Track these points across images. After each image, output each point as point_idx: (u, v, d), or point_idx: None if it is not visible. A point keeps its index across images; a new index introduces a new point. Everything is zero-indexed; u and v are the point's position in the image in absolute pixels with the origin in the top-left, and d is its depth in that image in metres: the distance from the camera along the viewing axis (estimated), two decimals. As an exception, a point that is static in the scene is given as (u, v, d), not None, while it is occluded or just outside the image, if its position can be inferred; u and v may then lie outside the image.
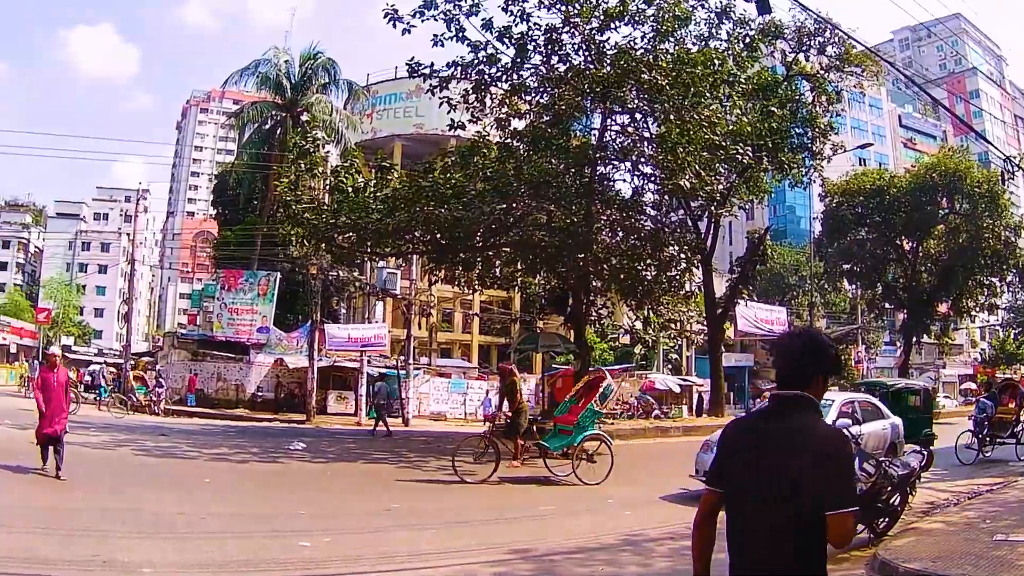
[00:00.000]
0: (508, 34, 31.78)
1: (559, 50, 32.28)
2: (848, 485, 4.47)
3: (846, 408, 20.64)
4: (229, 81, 65.32)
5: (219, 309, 58.36)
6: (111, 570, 10.92)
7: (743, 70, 33.32)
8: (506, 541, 13.82)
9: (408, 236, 35.99)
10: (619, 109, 33.71)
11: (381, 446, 32.39)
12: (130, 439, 29.44)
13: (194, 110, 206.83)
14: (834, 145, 41.68)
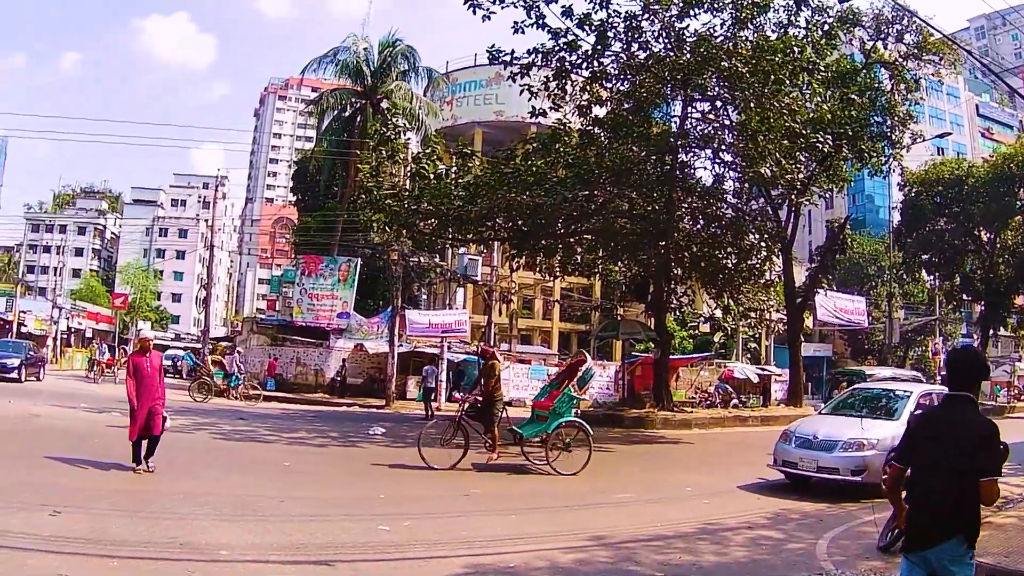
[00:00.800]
0: (588, 21, 31.83)
1: (639, 37, 32.28)
2: (995, 460, 6.32)
3: (923, 400, 20.34)
4: (307, 69, 65.56)
5: (299, 295, 58.58)
6: (189, 552, 11.03)
7: (822, 58, 33.13)
8: (585, 527, 13.98)
9: (489, 222, 36.27)
10: (699, 97, 33.81)
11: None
12: (208, 423, 30.13)
13: (272, 98, 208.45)
14: (913, 134, 41.40)
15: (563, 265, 41.66)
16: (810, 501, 17.66)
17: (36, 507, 12.68)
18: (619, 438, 30.46)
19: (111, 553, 10.59)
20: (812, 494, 18.31)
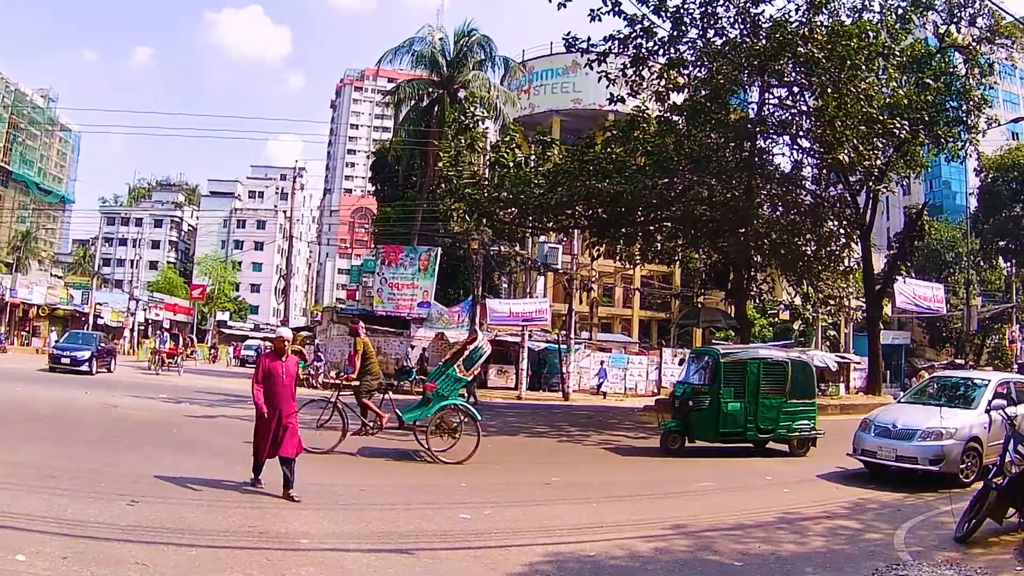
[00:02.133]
0: (664, 7, 32.17)
1: (715, 23, 32.56)
2: None
3: (1001, 389, 19.92)
4: (383, 60, 65.97)
5: (379, 284, 59.48)
6: (267, 540, 11.26)
7: (897, 42, 32.96)
8: (665, 516, 14.16)
9: (569, 210, 36.58)
10: (776, 83, 33.91)
11: (543, 420, 33.15)
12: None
13: (348, 89, 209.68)
14: (988, 119, 40.65)
15: (643, 253, 41.66)
16: (888, 490, 17.82)
17: (114, 496, 13.02)
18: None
19: (190, 542, 10.88)
20: (891, 483, 18.46)
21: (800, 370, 24.34)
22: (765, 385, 23.59)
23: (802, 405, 23.88)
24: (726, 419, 23.06)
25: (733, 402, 23.13)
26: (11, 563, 9.25)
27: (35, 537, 10.37)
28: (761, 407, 23.24)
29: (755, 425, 23.25)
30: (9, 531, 10.55)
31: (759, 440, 23.63)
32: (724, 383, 23.31)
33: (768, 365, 23.96)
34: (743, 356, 24.45)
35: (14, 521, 11.01)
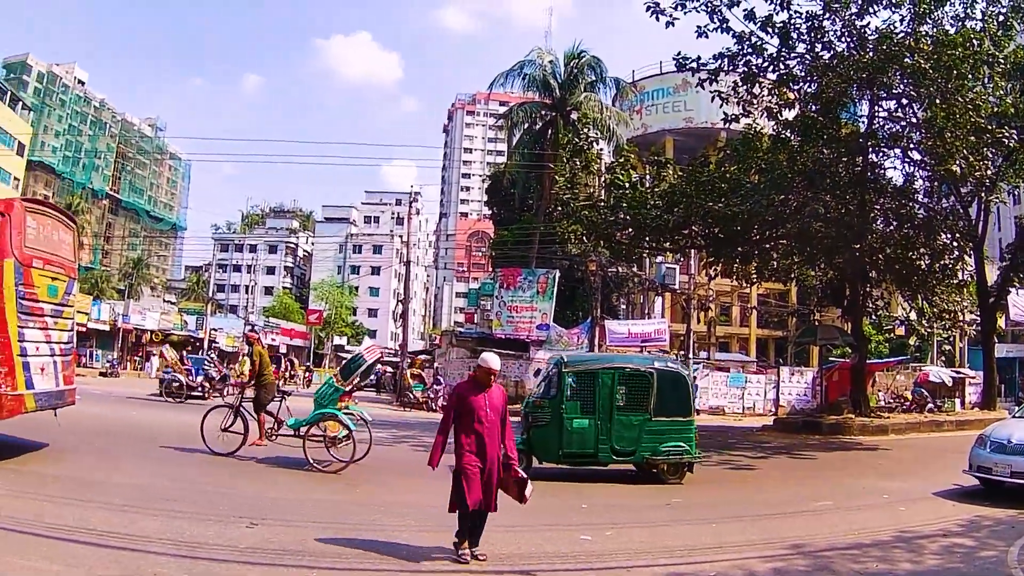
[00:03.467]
0: (771, 23, 32.29)
1: (822, 37, 32.54)
2: None
3: None
4: (495, 83, 66.98)
5: (498, 307, 59.76)
6: (388, 563, 11.52)
7: (1000, 49, 31.77)
8: (784, 536, 14.24)
9: (686, 230, 37.07)
10: (885, 95, 33.96)
11: None
12: (409, 435, 31.26)
13: (460, 113, 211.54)
14: None
15: (759, 271, 41.75)
16: (1004, 507, 17.45)
17: (233, 519, 13.47)
18: (817, 445, 30.96)
19: (310, 564, 11.13)
20: (1007, 500, 18.12)
21: (669, 383, 21.06)
22: (622, 399, 20.80)
23: (672, 424, 20.78)
24: (571, 438, 20.43)
25: (580, 418, 20.47)
26: None
27: (153, 559, 10.78)
28: (617, 425, 20.44)
29: (609, 446, 20.45)
30: (127, 552, 10.96)
31: (613, 462, 20.81)
32: (568, 396, 20.68)
33: (626, 376, 21.01)
34: (593, 365, 21.98)
35: (132, 543, 11.37)
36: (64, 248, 19.28)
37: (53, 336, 18.37)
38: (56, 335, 18.54)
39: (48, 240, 18.37)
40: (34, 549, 10.64)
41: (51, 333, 18.27)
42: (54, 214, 19.59)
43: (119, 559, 10.55)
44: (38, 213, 18.35)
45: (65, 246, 19.36)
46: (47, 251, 18.14)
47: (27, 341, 17.03)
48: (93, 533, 11.69)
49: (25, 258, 16.95)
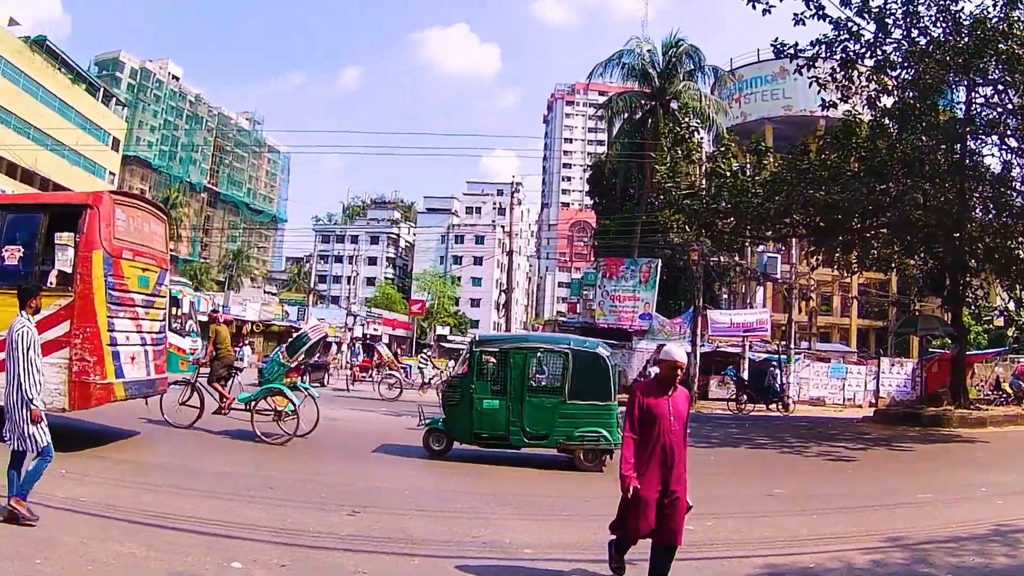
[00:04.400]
0: (866, 8, 31.89)
1: (917, 22, 32.09)
2: None
3: None
4: (593, 73, 67.77)
5: (600, 297, 60.32)
6: (491, 550, 11.55)
7: None
8: (882, 528, 14.04)
9: (787, 219, 37.08)
10: (981, 81, 33.37)
11: (764, 431, 33.35)
12: None
13: (559, 103, 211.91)
14: None
15: (860, 260, 41.40)
16: None
17: (334, 507, 13.76)
18: (917, 437, 30.71)
19: (411, 552, 11.27)
20: None
21: (587, 364, 20.23)
22: (535, 381, 21.24)
23: (590, 408, 19.91)
24: (482, 419, 20.21)
25: (491, 399, 20.31)
26: (227, 571, 9.89)
27: (252, 546, 11.00)
28: (529, 407, 20.07)
29: (520, 428, 20.04)
30: (225, 539, 11.18)
31: (525, 445, 20.29)
32: (478, 376, 20.93)
33: (539, 356, 21.35)
34: (505, 344, 21.91)
35: (230, 530, 11.64)
36: (155, 240, 19.85)
37: (144, 326, 18.98)
38: (147, 325, 19.15)
39: (138, 232, 18.92)
40: (132, 536, 10.94)
41: (142, 323, 18.86)
42: (144, 206, 20.15)
43: (216, 545, 10.83)
44: (127, 205, 18.90)
45: (156, 238, 19.96)
46: (137, 242, 18.66)
47: (117, 331, 17.54)
48: (191, 520, 12.06)
49: (114, 249, 17.45)
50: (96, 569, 9.33)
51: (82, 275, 16.80)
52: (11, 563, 9.20)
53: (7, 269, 17.38)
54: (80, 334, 16.61)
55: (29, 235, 17.64)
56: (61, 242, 18.39)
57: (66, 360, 16.55)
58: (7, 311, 16.34)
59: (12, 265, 17.41)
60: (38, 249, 17.62)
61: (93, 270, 16.80)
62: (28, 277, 16.90)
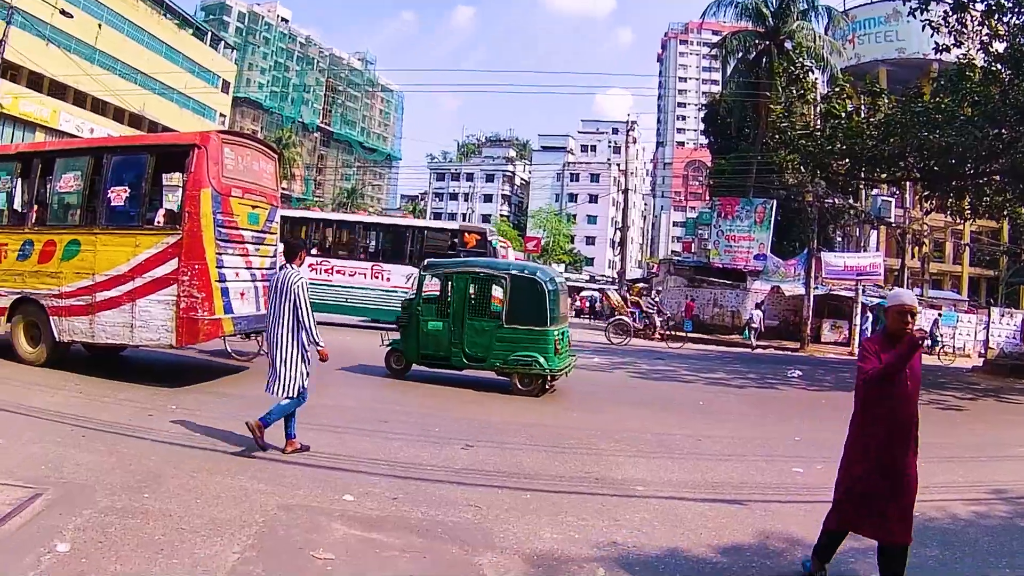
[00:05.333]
0: None
1: None
2: None
3: None
4: (707, 13, 67.47)
5: (715, 236, 61.05)
6: (603, 486, 11.64)
7: None
8: (987, 479, 13.91)
9: (902, 162, 36.81)
10: None
11: None
12: (626, 362, 32.14)
13: (673, 43, 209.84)
14: None
15: (972, 207, 41.07)
16: None
17: (449, 441, 14.04)
18: None
19: (524, 486, 11.42)
20: None
21: (524, 290, 20.81)
22: (474, 305, 21.48)
23: (525, 333, 20.39)
24: (427, 340, 21.26)
25: (435, 321, 21.35)
26: (339, 503, 10.05)
27: (364, 478, 11.23)
28: (469, 330, 20.91)
29: (461, 350, 20.92)
30: (338, 472, 11.49)
31: (466, 367, 21.09)
32: (425, 299, 21.90)
33: (479, 281, 21.54)
34: (449, 268, 22.37)
35: (343, 463, 12.00)
36: (265, 177, 20.18)
37: (254, 262, 19.37)
38: (257, 261, 19.53)
39: (248, 170, 19.26)
40: (243, 469, 11.28)
41: (252, 259, 19.25)
42: (254, 145, 20.48)
43: (329, 478, 11.14)
44: (236, 144, 19.21)
45: (266, 175, 20.29)
46: (247, 180, 19.02)
47: (226, 267, 17.98)
48: (303, 453, 12.39)
49: (223, 188, 17.83)
50: (205, 502, 9.64)
51: (190, 213, 17.26)
52: (118, 497, 9.49)
53: (115, 210, 18.13)
54: (188, 271, 17.12)
55: (136, 176, 18.24)
56: (170, 183, 18.83)
57: (174, 297, 17.12)
58: (117, 251, 17.97)
59: (120, 206, 18.10)
60: (145, 189, 18.19)
61: (201, 208, 17.25)
62: (136, 218, 17.97)
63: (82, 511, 8.81)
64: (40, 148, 23.35)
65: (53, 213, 19.43)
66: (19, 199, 20.21)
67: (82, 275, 18.11)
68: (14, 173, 20.23)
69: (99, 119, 79.87)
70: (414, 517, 9.61)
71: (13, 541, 7.80)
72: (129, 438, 12.67)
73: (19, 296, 19.11)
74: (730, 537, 9.59)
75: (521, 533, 9.23)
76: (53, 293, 18.49)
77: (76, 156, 19.70)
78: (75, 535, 8.06)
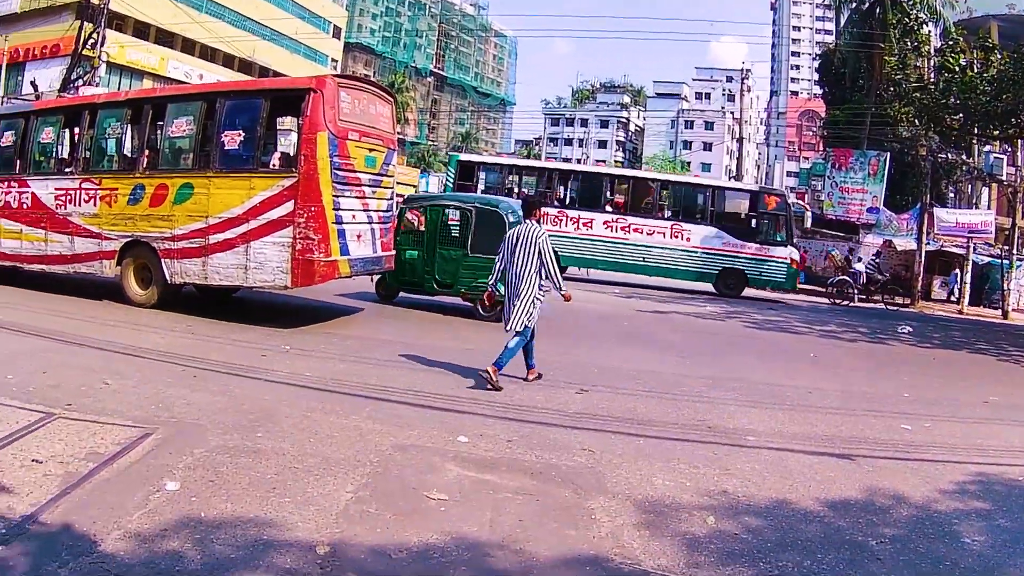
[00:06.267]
0: None
1: None
2: None
3: None
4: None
5: (829, 188, 60.36)
6: (715, 434, 11.62)
7: None
8: None
9: (1014, 119, 36.21)
10: None
11: (983, 336, 32.69)
12: (739, 311, 32.22)
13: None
14: None
15: None
16: None
17: (563, 385, 14.04)
18: None
19: (637, 432, 11.38)
20: None
21: (487, 222, 22.20)
22: (443, 235, 23.10)
23: (487, 261, 19.94)
24: (404, 267, 22.90)
25: (411, 250, 23.10)
26: (454, 444, 10.12)
27: (479, 420, 11.33)
28: (439, 258, 22.76)
29: (432, 277, 22.85)
30: (452, 414, 11.60)
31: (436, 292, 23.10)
32: (403, 229, 23.27)
33: (449, 212, 23.34)
34: (424, 202, 24.83)
35: (457, 405, 12.12)
36: (381, 121, 20.28)
37: (371, 205, 19.62)
38: (374, 204, 19.79)
39: (364, 113, 19.38)
40: (357, 409, 11.37)
41: (369, 202, 19.49)
42: (370, 89, 20.52)
43: (443, 420, 11.21)
44: (352, 88, 19.27)
45: (383, 119, 20.39)
46: (363, 124, 19.15)
47: (342, 210, 18.21)
48: (419, 395, 12.42)
49: (340, 131, 17.97)
50: (318, 441, 9.80)
51: (306, 156, 17.51)
52: (230, 436, 9.66)
53: (229, 153, 18.55)
54: (304, 213, 17.44)
55: (251, 120, 18.54)
56: (284, 126, 19.11)
57: (289, 239, 17.51)
58: (231, 193, 18.45)
59: (234, 149, 18.49)
60: (260, 134, 18.42)
61: (318, 151, 17.47)
62: (250, 161, 18.35)
63: (193, 450, 9.03)
64: (150, 94, 24.37)
65: (164, 157, 19.86)
66: (129, 144, 20.52)
67: (195, 218, 18.62)
68: (124, 119, 20.62)
69: (209, 65, 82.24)
70: (528, 460, 9.74)
71: (121, 480, 8.00)
72: (241, 378, 12.95)
73: (129, 239, 19.69)
74: (837, 491, 9.57)
75: (633, 479, 9.33)
76: (165, 236, 19.00)
77: (188, 101, 20.17)
78: (185, 474, 8.28)
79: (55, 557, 6.17)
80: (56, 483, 7.69)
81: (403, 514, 7.66)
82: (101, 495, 7.53)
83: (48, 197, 21.20)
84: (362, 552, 6.74)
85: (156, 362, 13.62)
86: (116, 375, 12.29)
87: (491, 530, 7.40)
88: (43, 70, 65.55)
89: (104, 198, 20.15)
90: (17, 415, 9.72)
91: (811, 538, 7.83)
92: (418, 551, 6.83)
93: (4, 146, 22.80)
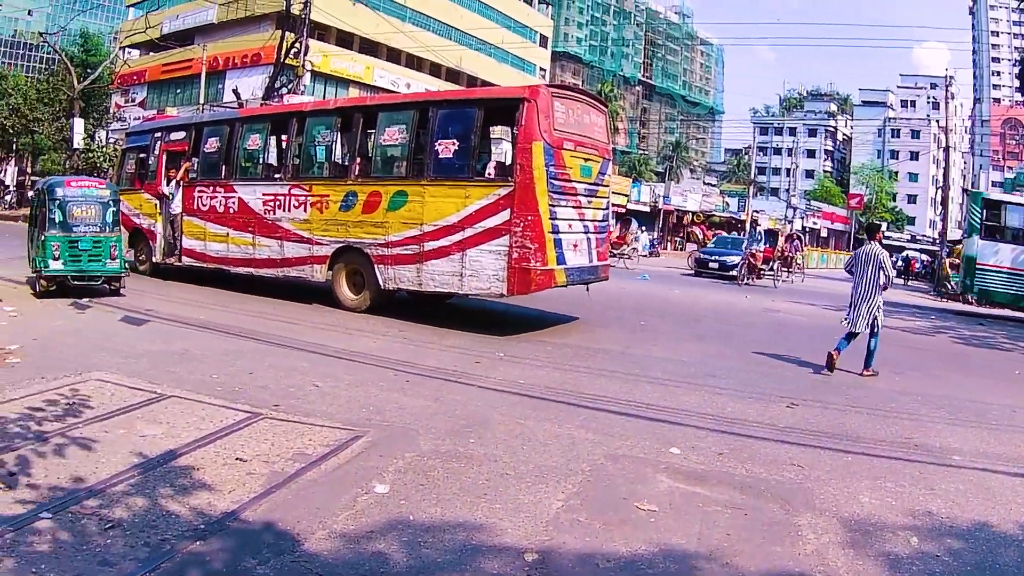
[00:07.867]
0: None
1: None
2: None
3: None
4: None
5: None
6: (922, 454, 11.14)
7: None
8: None
9: None
10: None
11: None
12: (947, 326, 30.86)
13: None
14: None
15: None
16: None
17: (774, 398, 13.71)
18: None
19: (845, 448, 11.04)
20: None
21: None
22: None
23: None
24: None
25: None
26: (665, 455, 9.98)
27: (691, 432, 11.11)
28: None
29: None
30: (665, 425, 11.39)
31: None
32: None
33: None
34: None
35: (670, 415, 11.88)
36: (596, 131, 20.05)
37: (587, 214, 19.39)
38: (590, 213, 19.55)
39: (578, 123, 19.19)
40: (570, 418, 11.36)
41: (584, 212, 19.27)
42: (583, 98, 20.41)
43: (655, 430, 11.08)
44: (566, 98, 19.14)
45: (597, 129, 20.17)
46: (578, 133, 18.92)
47: (558, 219, 18.04)
48: (631, 405, 12.38)
49: (555, 140, 17.76)
50: (531, 448, 9.84)
51: (522, 166, 17.45)
52: (442, 441, 9.82)
53: (443, 162, 18.70)
54: (521, 222, 17.42)
55: (465, 129, 18.62)
56: (497, 135, 19.33)
57: (505, 247, 17.53)
58: (446, 201, 18.70)
59: (448, 158, 18.61)
60: (474, 143, 18.52)
61: (534, 160, 17.36)
62: (464, 169, 18.47)
63: (404, 454, 9.25)
64: (360, 103, 24.89)
65: (375, 165, 20.39)
66: (339, 152, 21.14)
67: (409, 225, 18.99)
68: (333, 127, 21.20)
69: (415, 74, 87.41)
70: (738, 473, 9.65)
71: (328, 480, 8.29)
72: (455, 384, 13.14)
73: (341, 244, 20.38)
74: (1040, 515, 9.18)
75: (840, 496, 9.14)
76: (379, 242, 19.52)
77: (401, 110, 20.70)
78: (395, 477, 8.50)
79: (255, 554, 6.49)
80: (260, 482, 8.10)
81: (612, 524, 7.75)
82: (307, 495, 7.87)
83: (256, 202, 22.29)
84: (570, 560, 6.90)
85: (368, 366, 14.02)
86: (326, 378, 12.78)
87: (699, 543, 7.48)
88: (244, 78, 69.39)
89: (315, 204, 20.99)
90: (222, 414, 10.26)
91: (1008, 563, 7.70)
92: (626, 561, 6.96)
93: (209, 152, 24.14)
